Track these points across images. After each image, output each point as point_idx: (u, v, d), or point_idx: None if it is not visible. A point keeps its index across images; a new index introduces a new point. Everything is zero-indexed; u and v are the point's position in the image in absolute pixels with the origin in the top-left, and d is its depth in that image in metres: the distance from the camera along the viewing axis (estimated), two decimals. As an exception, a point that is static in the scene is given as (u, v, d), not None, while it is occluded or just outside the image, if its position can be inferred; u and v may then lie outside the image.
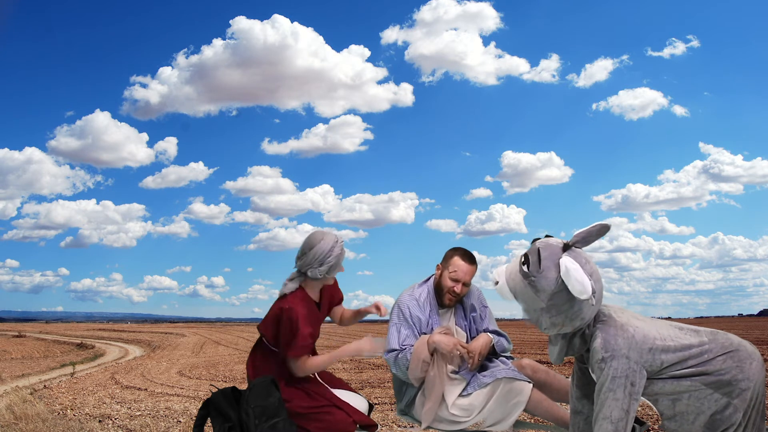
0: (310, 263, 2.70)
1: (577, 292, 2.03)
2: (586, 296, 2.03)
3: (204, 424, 2.56)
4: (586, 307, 2.08)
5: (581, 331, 2.16)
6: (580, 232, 2.17)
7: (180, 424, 5.55)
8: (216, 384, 9.70)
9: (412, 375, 2.79)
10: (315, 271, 2.70)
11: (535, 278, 2.10)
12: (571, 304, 2.07)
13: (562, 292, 2.07)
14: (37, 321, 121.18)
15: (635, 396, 2.01)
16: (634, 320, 2.13)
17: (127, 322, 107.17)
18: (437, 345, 2.75)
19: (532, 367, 2.85)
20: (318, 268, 2.69)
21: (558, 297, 2.08)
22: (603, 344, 2.06)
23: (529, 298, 2.13)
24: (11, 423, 5.32)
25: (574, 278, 2.03)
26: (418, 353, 2.77)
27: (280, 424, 2.49)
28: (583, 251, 2.17)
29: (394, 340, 2.87)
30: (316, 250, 2.68)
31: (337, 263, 2.73)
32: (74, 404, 7.41)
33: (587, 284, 2.03)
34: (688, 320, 53.96)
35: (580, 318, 2.10)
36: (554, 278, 2.08)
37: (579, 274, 2.03)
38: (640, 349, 2.04)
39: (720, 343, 2.09)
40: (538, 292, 2.10)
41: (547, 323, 2.13)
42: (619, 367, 2.02)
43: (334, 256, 2.70)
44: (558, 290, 2.08)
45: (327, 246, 2.69)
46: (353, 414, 2.68)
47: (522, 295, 2.16)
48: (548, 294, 2.09)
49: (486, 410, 2.71)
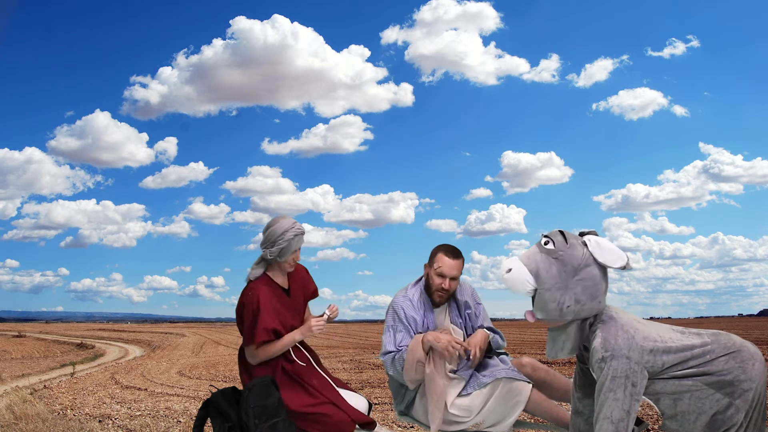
0: (264, 243, 2.77)
1: (612, 260, 2.08)
2: (623, 261, 2.08)
3: (204, 424, 2.56)
4: (600, 294, 2.12)
5: (580, 326, 2.16)
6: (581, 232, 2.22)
7: (180, 424, 5.55)
8: (216, 384, 9.69)
9: (408, 376, 2.78)
10: (266, 251, 2.76)
11: (563, 252, 2.12)
12: (597, 279, 2.11)
13: (590, 267, 2.11)
14: (37, 321, 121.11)
15: (636, 396, 2.01)
16: (635, 322, 2.13)
17: (127, 322, 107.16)
18: (432, 343, 2.74)
19: (532, 365, 2.84)
20: (269, 249, 2.75)
21: (585, 272, 2.11)
22: (603, 344, 2.06)
23: (555, 275, 2.11)
24: (11, 423, 5.32)
25: (608, 249, 2.09)
26: (413, 353, 2.77)
27: (279, 424, 2.49)
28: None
29: (390, 341, 2.86)
30: (272, 230, 2.75)
31: (289, 248, 2.75)
32: (74, 404, 7.41)
33: (621, 252, 2.08)
34: (688, 320, 53.93)
35: (598, 301, 2.12)
36: (582, 252, 2.13)
37: (611, 245, 2.08)
38: (641, 349, 2.04)
39: (722, 343, 2.08)
40: (566, 265, 2.11)
41: (570, 301, 2.10)
42: (619, 367, 2.02)
43: (285, 240, 2.73)
44: (586, 264, 2.11)
45: (281, 228, 2.74)
46: (352, 413, 2.68)
47: (546, 273, 2.12)
48: (575, 268, 2.11)
49: (485, 410, 2.71)
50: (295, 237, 2.75)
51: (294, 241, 2.75)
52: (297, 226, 2.76)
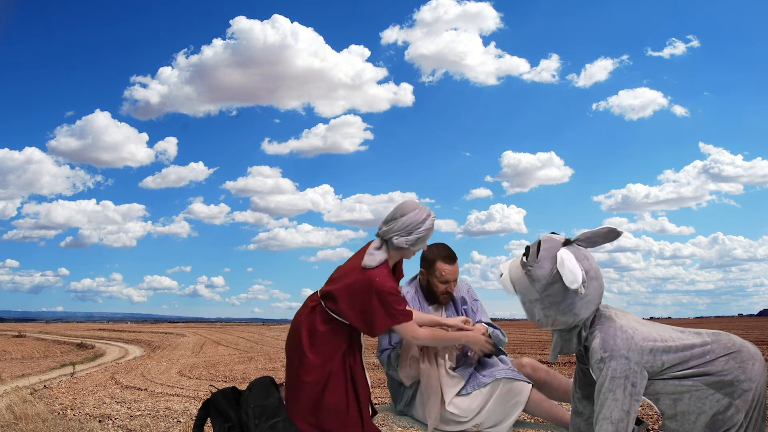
0: (398, 230, 2.57)
1: (569, 282, 2.05)
2: (576, 285, 2.05)
3: (204, 425, 2.56)
4: (579, 302, 2.09)
5: (578, 330, 2.16)
6: (586, 231, 2.18)
7: (180, 424, 5.54)
8: (216, 384, 9.69)
9: (404, 372, 2.79)
10: (401, 239, 2.57)
11: (532, 267, 2.13)
12: (564, 296, 2.09)
13: (557, 284, 2.09)
14: (37, 321, 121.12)
15: (636, 397, 2.01)
16: (634, 323, 2.13)
17: (127, 322, 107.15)
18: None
19: (532, 365, 2.84)
20: (406, 237, 2.57)
21: (552, 288, 2.10)
22: (602, 344, 2.06)
23: (525, 288, 2.16)
24: (11, 423, 5.32)
25: (567, 267, 2.05)
26: (407, 348, 2.77)
27: (279, 424, 2.49)
28: (584, 249, 2.18)
29: (385, 339, 2.88)
30: (409, 217, 2.57)
31: (426, 237, 2.62)
32: (74, 404, 7.41)
33: (578, 274, 2.05)
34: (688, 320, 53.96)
35: (573, 314, 2.11)
36: (549, 269, 2.11)
37: (572, 264, 2.06)
38: (641, 349, 2.04)
39: (722, 343, 2.08)
40: (534, 281, 2.13)
41: (539, 314, 2.15)
42: (618, 367, 2.02)
43: (425, 228, 2.59)
44: (553, 281, 2.10)
45: (420, 216, 2.58)
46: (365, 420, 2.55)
47: (519, 285, 2.18)
48: (543, 284, 2.11)
49: (485, 411, 2.70)
50: (432, 226, 2.62)
51: (431, 231, 2.63)
52: (433, 215, 2.63)
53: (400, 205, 2.64)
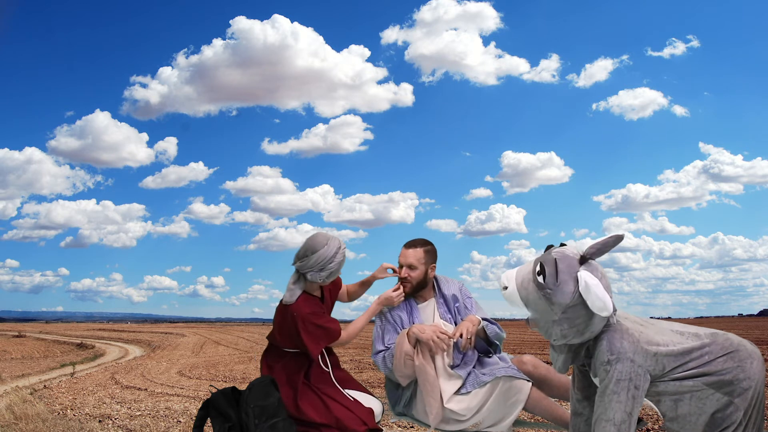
0: (311, 267, 2.67)
1: (598, 309, 1.99)
2: (607, 313, 1.99)
3: (204, 425, 2.56)
4: (598, 320, 2.05)
5: (587, 343, 2.15)
6: (596, 243, 2.11)
7: (180, 424, 5.54)
8: (216, 384, 9.70)
9: (399, 372, 2.79)
10: (315, 275, 2.69)
11: (552, 291, 2.05)
12: (585, 318, 2.04)
13: (577, 306, 2.03)
14: (37, 321, 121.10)
15: (638, 399, 2.01)
16: (638, 325, 2.13)
17: (127, 322, 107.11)
18: (417, 335, 2.75)
19: (533, 363, 2.84)
20: (318, 273, 2.68)
21: (573, 311, 2.04)
22: (609, 347, 2.05)
23: (543, 310, 2.09)
24: (11, 423, 5.32)
25: (594, 294, 1.98)
26: (400, 347, 2.77)
27: (279, 424, 2.49)
28: (599, 264, 2.13)
29: (379, 341, 2.89)
30: (319, 255, 2.65)
31: (337, 269, 2.72)
32: (74, 404, 7.41)
33: (608, 301, 1.99)
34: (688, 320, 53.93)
35: (590, 331, 2.07)
36: (571, 292, 2.03)
37: (600, 291, 1.98)
38: (645, 353, 2.04)
39: (720, 344, 2.08)
40: (553, 305, 2.05)
41: (557, 335, 2.09)
42: (624, 369, 2.02)
43: (336, 263, 2.69)
44: (574, 304, 2.03)
45: (330, 252, 2.66)
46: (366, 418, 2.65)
47: (534, 305, 2.11)
48: (563, 307, 2.04)
49: (485, 409, 2.70)
50: (344, 258, 2.71)
51: (343, 262, 2.72)
52: (343, 246, 2.70)
53: (310, 239, 2.72)
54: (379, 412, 2.78)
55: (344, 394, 2.75)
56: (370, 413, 2.69)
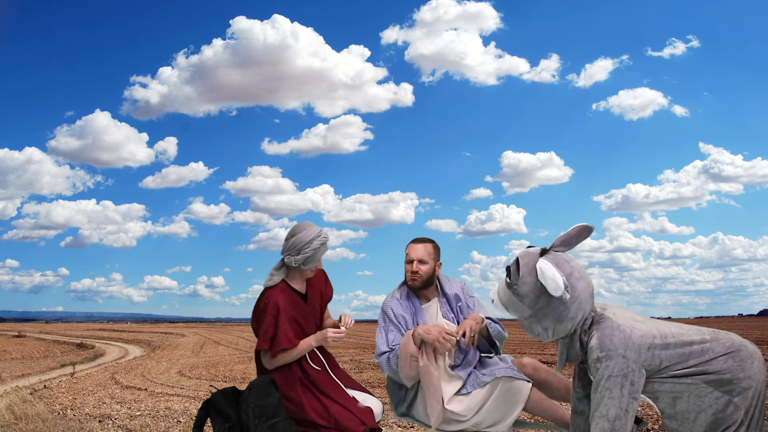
0: (289, 250, 2.74)
1: (552, 290, 2.09)
2: (560, 292, 2.09)
3: (204, 424, 2.56)
4: (571, 306, 2.13)
5: (578, 334, 2.17)
6: (561, 235, 2.23)
7: (180, 424, 5.54)
8: (216, 384, 9.70)
9: (404, 373, 2.78)
10: (291, 258, 2.74)
11: (517, 286, 2.18)
12: (555, 305, 2.13)
13: (544, 296, 2.14)
14: (37, 321, 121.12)
15: (635, 395, 2.01)
16: (631, 321, 2.13)
17: (127, 322, 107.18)
18: (422, 336, 2.75)
19: (533, 365, 2.84)
20: (294, 257, 2.73)
21: (541, 300, 2.15)
22: (599, 344, 2.07)
23: (517, 307, 2.21)
24: (11, 423, 5.32)
25: (547, 277, 2.10)
26: (405, 348, 2.77)
27: (279, 424, 2.49)
28: (563, 254, 2.22)
29: (383, 342, 2.88)
30: (297, 238, 2.73)
31: (314, 256, 2.75)
32: (74, 404, 7.41)
33: (559, 280, 2.09)
34: (688, 320, 53.94)
35: (569, 318, 2.14)
36: (533, 282, 2.15)
37: (551, 273, 2.10)
38: (638, 347, 2.05)
39: (722, 343, 2.09)
40: (522, 299, 2.17)
41: (539, 329, 2.19)
42: (615, 366, 2.03)
43: (312, 249, 2.72)
44: (540, 293, 2.15)
45: (308, 236, 2.72)
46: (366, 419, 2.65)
47: (511, 307, 2.23)
48: (531, 299, 2.16)
49: (485, 409, 2.70)
50: (321, 246, 2.75)
51: (320, 250, 2.76)
52: (323, 235, 2.76)
53: (295, 225, 2.80)
54: (379, 412, 2.78)
55: (344, 394, 2.75)
56: (369, 413, 2.69)
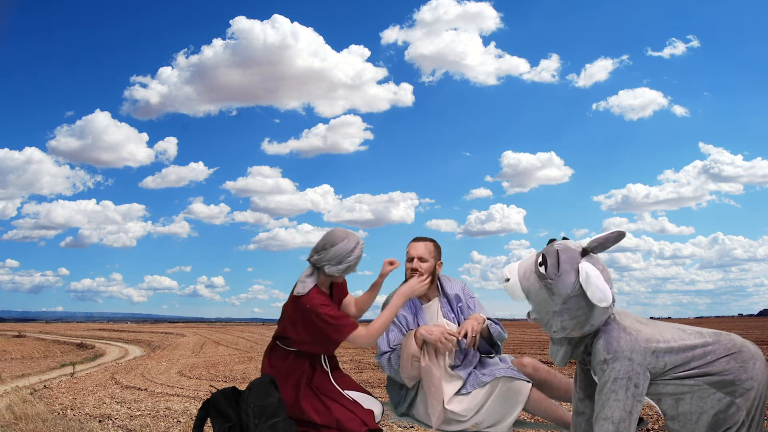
0: (329, 260, 2.68)
1: (597, 300, 2.01)
2: (606, 304, 2.01)
3: (204, 424, 2.56)
4: (598, 313, 2.07)
5: (587, 338, 2.16)
6: (598, 237, 2.14)
7: (180, 424, 5.54)
8: (216, 384, 9.70)
9: (405, 373, 2.78)
10: (333, 268, 2.69)
11: (553, 281, 2.08)
12: (585, 310, 2.06)
13: (578, 297, 2.06)
14: (37, 321, 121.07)
15: (638, 398, 2.01)
16: (636, 323, 2.13)
17: (127, 322, 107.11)
18: (424, 336, 2.74)
19: (533, 365, 2.84)
20: (336, 266, 2.68)
21: (573, 301, 2.06)
22: (605, 346, 2.06)
23: (543, 300, 2.11)
24: (11, 423, 5.32)
25: (594, 285, 2.01)
26: (406, 348, 2.77)
27: (279, 424, 2.49)
28: (600, 258, 2.15)
29: (384, 342, 2.88)
30: (339, 248, 2.67)
31: (354, 264, 2.73)
32: (74, 404, 7.41)
33: (608, 292, 2.01)
34: (688, 320, 53.93)
35: (590, 324, 2.09)
36: (572, 282, 2.06)
37: (600, 282, 2.01)
38: (644, 351, 2.04)
39: (723, 344, 2.08)
40: (554, 295, 2.08)
41: (557, 326, 2.11)
42: (621, 368, 2.02)
43: (354, 257, 2.69)
44: (574, 295, 2.06)
45: (349, 246, 2.68)
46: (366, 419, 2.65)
47: (535, 296, 2.13)
48: (563, 298, 2.07)
49: (485, 409, 2.70)
50: (361, 253, 2.73)
51: (360, 257, 2.74)
52: (361, 242, 2.73)
53: (330, 233, 2.74)
54: (379, 413, 2.78)
55: (344, 394, 2.75)
56: (370, 414, 2.69)
